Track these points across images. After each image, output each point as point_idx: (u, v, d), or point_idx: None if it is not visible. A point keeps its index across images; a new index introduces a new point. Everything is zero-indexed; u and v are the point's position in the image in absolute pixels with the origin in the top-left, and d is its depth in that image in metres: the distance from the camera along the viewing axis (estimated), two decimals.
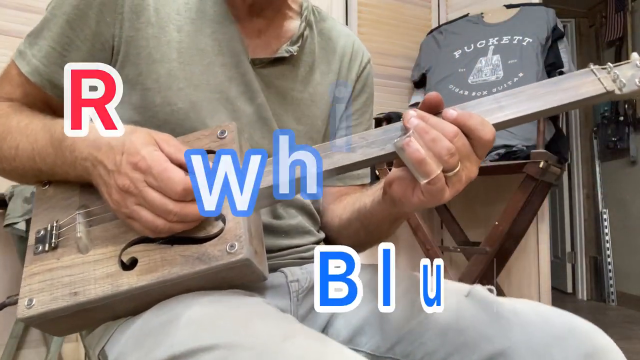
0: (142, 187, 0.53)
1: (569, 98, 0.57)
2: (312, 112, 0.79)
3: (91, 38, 0.67)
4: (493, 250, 1.92)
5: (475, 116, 0.54)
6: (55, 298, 0.54)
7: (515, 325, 0.57)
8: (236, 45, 0.72)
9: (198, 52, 0.70)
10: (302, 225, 0.75)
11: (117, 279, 0.54)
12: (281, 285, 0.68)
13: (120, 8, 0.67)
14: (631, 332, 3.06)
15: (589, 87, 0.58)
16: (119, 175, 0.54)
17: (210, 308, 0.52)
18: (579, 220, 4.25)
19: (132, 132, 0.56)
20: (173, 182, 0.52)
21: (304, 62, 0.79)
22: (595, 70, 0.59)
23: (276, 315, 0.53)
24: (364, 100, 0.87)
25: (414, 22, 2.63)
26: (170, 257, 0.54)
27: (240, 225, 0.54)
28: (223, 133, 0.60)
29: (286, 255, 0.72)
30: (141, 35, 0.67)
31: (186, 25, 0.70)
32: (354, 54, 0.87)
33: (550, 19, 2.18)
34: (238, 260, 0.52)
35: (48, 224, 0.59)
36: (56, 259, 0.57)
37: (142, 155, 0.53)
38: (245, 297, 0.57)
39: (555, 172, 2.02)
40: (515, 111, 0.57)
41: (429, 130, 0.52)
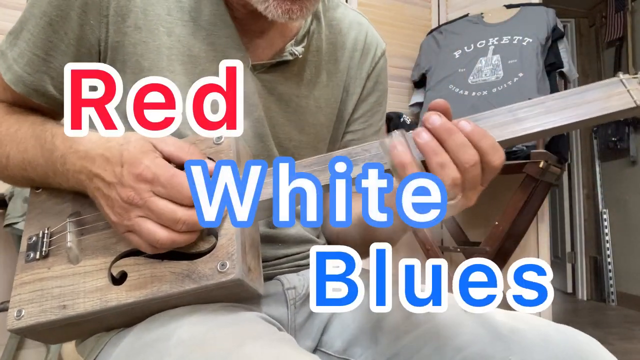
0: (147, 197, 0.50)
1: (594, 112, 0.51)
2: (317, 119, 0.73)
3: (75, 42, 0.62)
4: (493, 250, 1.92)
5: (489, 136, 0.48)
6: (44, 310, 0.53)
7: (514, 345, 0.54)
8: (233, 52, 0.65)
9: (190, 59, 0.63)
10: (301, 233, 0.72)
11: (106, 294, 0.52)
12: (277, 293, 0.66)
13: (105, 10, 0.61)
14: (631, 332, 3.06)
15: (617, 101, 0.51)
16: (122, 187, 0.51)
17: (201, 327, 0.50)
18: (579, 220, 4.25)
19: (128, 142, 0.53)
20: (183, 187, 0.50)
21: (309, 63, 0.72)
22: (625, 81, 0.52)
23: (270, 335, 0.51)
24: (374, 100, 0.79)
25: (414, 22, 2.63)
26: (160, 273, 0.52)
27: (233, 242, 0.51)
28: (219, 139, 0.57)
29: (283, 263, 0.69)
30: (128, 41, 0.62)
31: (178, 27, 0.64)
32: (367, 48, 0.78)
33: (550, 19, 2.18)
34: (229, 280, 0.50)
35: (39, 231, 0.58)
36: (47, 268, 0.56)
37: (146, 165, 0.50)
38: (238, 312, 0.54)
39: (555, 172, 2.02)
40: (534, 125, 0.51)
41: (439, 152, 0.47)
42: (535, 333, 0.55)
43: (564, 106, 0.52)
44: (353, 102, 0.77)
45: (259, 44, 0.68)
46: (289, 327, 0.66)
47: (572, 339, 0.55)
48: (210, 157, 0.56)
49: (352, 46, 0.77)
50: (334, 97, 0.75)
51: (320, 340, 0.67)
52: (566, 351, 0.53)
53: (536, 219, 2.23)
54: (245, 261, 0.52)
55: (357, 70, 0.77)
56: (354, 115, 0.78)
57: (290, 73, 0.70)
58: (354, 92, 0.77)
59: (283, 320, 0.65)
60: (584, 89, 0.52)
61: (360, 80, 0.77)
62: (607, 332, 3.01)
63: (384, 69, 0.80)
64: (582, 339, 0.55)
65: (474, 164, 0.47)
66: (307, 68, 0.71)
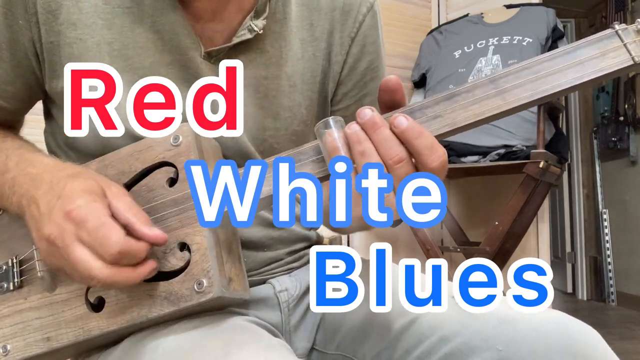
0: (69, 241, 0.45)
1: (588, 74, 0.45)
2: (293, 99, 0.63)
3: (8, 47, 0.56)
4: (493, 250, 1.92)
5: (427, 136, 0.44)
6: (29, 344, 0.53)
7: (502, 335, 0.52)
8: (182, 39, 0.57)
9: (136, 53, 0.56)
10: (292, 231, 0.68)
11: (87, 322, 0.51)
12: (269, 297, 0.64)
13: (31, 8, 0.55)
14: (631, 332, 3.06)
15: (614, 58, 0.45)
16: (49, 221, 0.46)
17: (187, 337, 0.48)
18: (579, 220, 4.25)
19: (77, 176, 0.49)
20: (108, 241, 0.44)
21: (276, 35, 0.62)
22: (621, 32, 0.46)
23: (257, 342, 0.49)
24: (365, 66, 0.67)
25: (414, 22, 2.63)
26: (138, 296, 0.49)
27: (207, 257, 0.48)
28: (177, 139, 0.52)
29: (274, 268, 0.66)
30: (63, 41, 0.55)
31: (118, 18, 0.56)
32: (347, 4, 0.65)
33: (550, 19, 2.18)
34: (208, 300, 0.47)
35: (8, 259, 0.56)
36: (23, 298, 0.54)
37: (79, 205, 0.45)
38: (226, 319, 0.52)
39: (555, 172, 2.01)
40: (520, 97, 0.45)
41: (362, 140, 0.44)
42: (526, 322, 0.52)
43: (554, 70, 0.46)
44: (336, 74, 0.66)
45: (211, 28, 0.59)
46: (284, 330, 0.65)
47: (564, 328, 0.51)
48: (169, 162, 0.52)
49: (330, 4, 0.65)
50: (312, 70, 0.65)
51: (314, 339, 0.66)
52: (556, 341, 0.50)
53: (536, 219, 2.23)
54: (223, 274, 0.50)
55: (338, 34, 0.65)
56: (342, 89, 0.68)
57: (253, 52, 0.60)
58: (336, 62, 0.66)
59: (277, 324, 0.64)
60: (576, 45, 0.46)
61: (342, 46, 0.65)
62: (607, 332, 3.00)
63: (372, 27, 0.67)
64: (574, 328, 0.52)
65: (399, 161, 0.44)
66: (273, 42, 0.61)
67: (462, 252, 2.19)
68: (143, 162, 0.53)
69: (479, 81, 0.46)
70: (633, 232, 3.73)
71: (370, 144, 0.44)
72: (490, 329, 0.53)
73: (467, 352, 0.52)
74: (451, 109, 0.46)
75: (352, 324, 0.63)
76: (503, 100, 0.46)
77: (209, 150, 0.55)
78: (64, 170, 0.51)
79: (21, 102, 0.62)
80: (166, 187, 0.52)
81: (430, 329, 0.56)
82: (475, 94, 0.46)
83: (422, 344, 0.55)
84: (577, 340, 0.50)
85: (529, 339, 0.51)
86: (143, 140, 0.54)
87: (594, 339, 0.51)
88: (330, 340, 0.65)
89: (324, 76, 0.66)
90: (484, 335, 0.52)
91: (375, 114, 0.45)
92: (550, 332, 0.51)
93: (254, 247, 0.64)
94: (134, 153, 0.53)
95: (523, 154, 1.95)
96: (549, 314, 0.53)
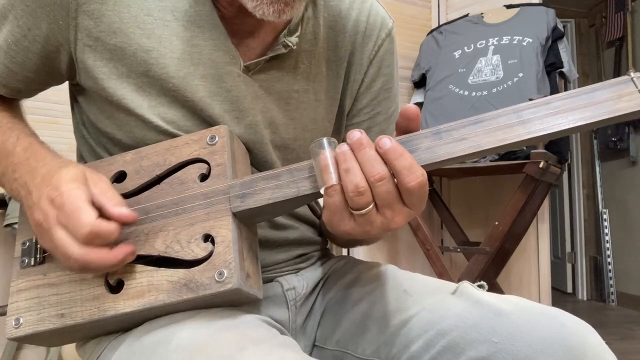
0: (52, 224, 0.49)
1: (603, 114, 0.48)
2: (318, 113, 0.68)
3: (42, 40, 0.60)
4: (493, 250, 1.92)
5: (406, 157, 0.47)
6: (42, 319, 0.53)
7: (499, 328, 0.53)
8: (220, 54, 0.61)
9: (172, 62, 0.59)
10: (303, 236, 0.70)
11: (104, 302, 0.52)
12: (277, 295, 0.66)
13: (73, 12, 0.58)
14: (631, 332, 3.06)
15: (628, 101, 0.49)
16: (37, 208, 0.51)
17: (202, 331, 0.49)
18: (579, 220, 4.25)
19: (65, 166, 0.52)
20: (80, 223, 0.48)
21: (307, 53, 0.66)
22: (636, 79, 0.49)
23: (271, 339, 0.50)
24: (379, 86, 0.73)
25: (414, 22, 2.63)
26: (157, 281, 0.51)
27: (230, 249, 0.50)
28: (213, 139, 0.55)
29: (283, 267, 0.69)
30: (102, 46, 0.59)
31: (158, 29, 0.59)
32: (369, 30, 0.71)
33: (550, 19, 2.18)
34: (227, 290, 0.49)
35: (32, 236, 0.58)
36: (43, 274, 0.56)
37: (61, 192, 0.49)
38: (239, 315, 0.54)
39: (555, 172, 2.01)
40: (540, 128, 0.49)
41: (347, 159, 0.48)
42: (522, 316, 0.54)
43: (572, 107, 0.49)
44: (354, 91, 0.72)
45: (249, 44, 0.63)
46: (290, 329, 0.66)
47: (558, 321, 0.53)
48: (204, 159, 0.55)
49: (354, 29, 0.70)
50: (335, 87, 0.70)
51: (315, 336, 0.68)
52: (551, 335, 0.52)
53: (536, 219, 2.23)
54: (243, 268, 0.51)
55: (359, 55, 0.71)
56: (357, 105, 0.73)
57: (287, 67, 0.65)
58: (354, 80, 0.71)
59: (284, 322, 0.65)
60: (593, 88, 0.50)
61: (361, 67, 0.71)
62: (606, 332, 3.00)
63: (389, 52, 0.74)
64: (568, 323, 0.53)
65: (380, 179, 0.47)
66: (304, 58, 0.66)
67: (462, 252, 2.19)
68: (178, 157, 0.56)
69: (502, 110, 0.50)
70: (633, 232, 3.73)
71: (355, 162, 0.48)
72: (487, 322, 0.54)
73: (463, 345, 0.54)
74: (475, 133, 0.50)
75: (351, 319, 0.64)
76: (525, 129, 0.49)
77: (239, 154, 0.58)
78: (57, 163, 0.54)
79: (38, 86, 0.67)
80: (197, 181, 0.55)
81: (428, 324, 0.57)
82: (499, 122, 0.50)
83: (420, 338, 0.57)
84: (571, 334, 0.52)
85: (524, 332, 0.52)
86: (181, 137, 0.58)
87: (588, 332, 0.53)
88: (330, 336, 0.66)
89: (343, 93, 0.72)
90: (480, 328, 0.54)
91: (363, 135, 0.49)
92: (545, 325, 0.53)
93: (268, 246, 0.66)
94: (170, 148, 0.57)
95: (523, 154, 1.95)
96: (543, 308, 0.55)
